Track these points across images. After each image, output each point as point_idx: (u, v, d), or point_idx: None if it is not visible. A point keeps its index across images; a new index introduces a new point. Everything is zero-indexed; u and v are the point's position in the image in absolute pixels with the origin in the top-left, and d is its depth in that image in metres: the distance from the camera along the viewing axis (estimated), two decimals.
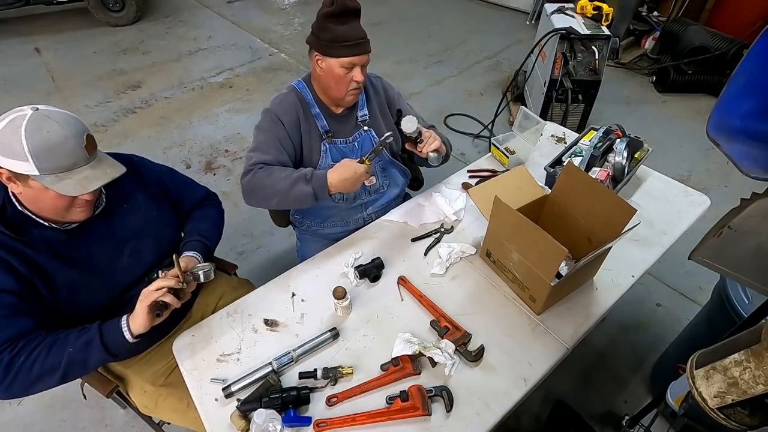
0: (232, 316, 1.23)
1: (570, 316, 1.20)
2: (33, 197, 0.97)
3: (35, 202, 0.99)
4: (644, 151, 1.59)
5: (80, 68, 4.14)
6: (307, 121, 1.43)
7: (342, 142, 1.46)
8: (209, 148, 3.18)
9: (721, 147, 0.77)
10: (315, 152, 1.44)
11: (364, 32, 1.30)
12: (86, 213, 1.06)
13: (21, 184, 0.95)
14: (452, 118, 3.43)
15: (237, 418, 0.98)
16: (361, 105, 1.48)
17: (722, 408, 0.71)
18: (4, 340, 0.96)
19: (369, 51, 1.32)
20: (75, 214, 1.03)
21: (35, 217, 1.02)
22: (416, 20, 5.02)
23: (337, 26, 1.26)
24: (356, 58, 1.30)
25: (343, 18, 1.26)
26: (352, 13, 1.27)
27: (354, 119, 1.48)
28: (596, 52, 2.75)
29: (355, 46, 1.28)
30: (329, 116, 1.45)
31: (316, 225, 1.61)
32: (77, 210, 1.03)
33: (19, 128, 0.89)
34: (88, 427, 1.75)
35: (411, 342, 1.10)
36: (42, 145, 0.90)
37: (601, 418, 1.73)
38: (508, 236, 1.18)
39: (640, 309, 2.10)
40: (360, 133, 1.48)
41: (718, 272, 0.88)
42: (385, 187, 1.59)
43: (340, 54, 1.29)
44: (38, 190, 0.95)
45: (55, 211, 1.00)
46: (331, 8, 1.24)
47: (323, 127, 1.44)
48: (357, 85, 1.35)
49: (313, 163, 1.45)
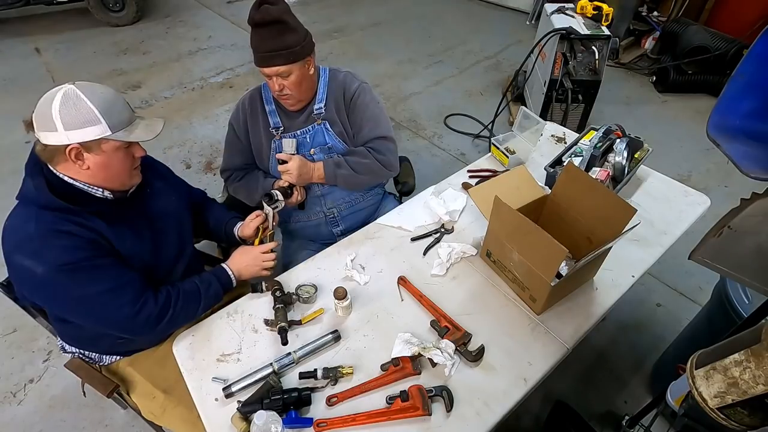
0: (232, 316, 1.23)
1: (570, 316, 1.20)
2: (104, 164, 1.01)
3: (106, 169, 1.02)
4: (644, 151, 1.59)
5: (80, 68, 4.13)
6: (254, 118, 1.49)
7: (292, 135, 1.48)
8: (209, 148, 3.18)
9: (721, 147, 0.77)
10: (265, 148, 1.50)
11: (279, 44, 1.29)
12: (139, 176, 1.14)
13: (92, 154, 0.99)
14: (452, 118, 3.43)
15: (238, 420, 0.98)
16: (319, 98, 1.48)
17: (722, 408, 0.71)
18: (142, 286, 1.08)
19: (280, 64, 1.31)
20: (134, 176, 1.11)
21: (88, 188, 1.04)
22: (416, 20, 5.02)
23: (253, 35, 1.30)
24: (266, 69, 1.32)
25: (258, 28, 1.29)
26: (266, 23, 1.27)
27: (309, 113, 1.48)
28: (596, 52, 2.75)
29: (262, 58, 1.31)
30: (283, 112, 1.49)
31: None
32: (135, 173, 1.11)
33: (79, 98, 0.94)
34: (88, 427, 1.75)
35: (411, 342, 1.10)
36: (105, 104, 0.96)
37: (601, 418, 1.73)
38: (509, 236, 1.18)
39: (640, 309, 2.10)
40: (312, 126, 1.48)
41: (718, 272, 0.88)
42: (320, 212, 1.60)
43: (256, 62, 1.34)
44: (109, 154, 1.00)
45: (124, 172, 1.06)
46: (251, 15, 1.28)
47: (275, 123, 1.48)
48: (279, 93, 1.38)
49: (263, 159, 1.52)
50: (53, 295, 1.02)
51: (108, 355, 1.27)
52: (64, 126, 0.94)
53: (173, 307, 1.12)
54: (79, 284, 1.00)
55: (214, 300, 1.23)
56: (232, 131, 1.56)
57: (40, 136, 0.97)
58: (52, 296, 1.02)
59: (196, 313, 1.19)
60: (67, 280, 0.99)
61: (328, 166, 1.46)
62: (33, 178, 1.01)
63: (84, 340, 1.24)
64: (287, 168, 1.40)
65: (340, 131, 1.50)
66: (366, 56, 4.33)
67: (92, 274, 1.01)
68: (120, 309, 1.04)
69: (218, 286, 1.23)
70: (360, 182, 1.51)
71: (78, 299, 1.02)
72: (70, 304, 1.03)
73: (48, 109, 0.94)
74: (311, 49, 1.39)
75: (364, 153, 1.48)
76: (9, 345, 2.03)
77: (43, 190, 0.98)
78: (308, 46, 1.37)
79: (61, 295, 1.01)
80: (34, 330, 2.04)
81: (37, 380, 1.90)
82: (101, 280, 1.02)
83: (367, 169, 1.48)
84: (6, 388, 1.87)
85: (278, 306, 1.19)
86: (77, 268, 0.98)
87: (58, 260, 0.97)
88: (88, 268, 1.00)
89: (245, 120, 1.51)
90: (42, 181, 1.00)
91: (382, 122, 1.51)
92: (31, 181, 1.00)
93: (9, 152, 3.09)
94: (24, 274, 0.98)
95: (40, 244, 0.97)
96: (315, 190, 1.55)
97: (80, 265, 0.99)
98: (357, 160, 1.47)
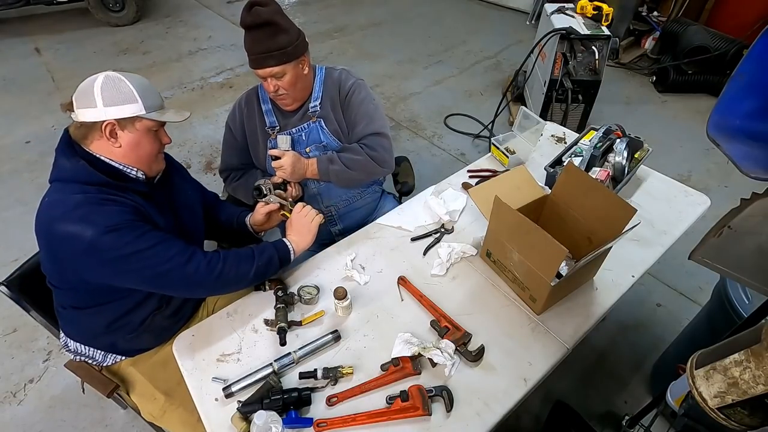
0: (232, 316, 1.23)
1: (570, 316, 1.20)
2: (135, 142, 1.08)
3: (136, 147, 1.09)
4: (644, 151, 1.59)
5: (80, 68, 4.13)
6: (251, 118, 1.50)
7: (287, 133, 1.48)
8: (209, 148, 3.18)
9: (721, 147, 0.77)
10: (261, 148, 1.51)
11: (272, 45, 1.29)
12: (163, 163, 1.21)
13: (126, 132, 1.06)
14: (452, 118, 3.43)
15: (238, 420, 0.98)
16: (315, 96, 1.48)
17: (722, 408, 0.71)
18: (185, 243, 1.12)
19: (273, 65, 1.31)
20: (159, 161, 1.18)
21: (124, 168, 1.10)
22: (416, 20, 5.02)
23: (246, 37, 1.31)
24: (260, 71, 1.33)
25: (250, 30, 1.30)
26: (258, 25, 1.28)
27: (304, 111, 1.49)
28: (596, 52, 2.75)
29: (255, 60, 1.32)
30: (279, 111, 1.49)
31: None
32: (160, 158, 1.18)
33: (119, 78, 1.04)
34: (88, 427, 1.75)
35: (410, 343, 1.10)
36: (142, 86, 1.07)
37: (601, 418, 1.73)
38: (509, 236, 1.18)
39: (640, 309, 2.10)
40: (308, 124, 1.49)
41: (718, 272, 0.88)
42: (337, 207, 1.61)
43: (250, 64, 1.35)
44: (142, 134, 1.09)
45: (152, 154, 1.13)
46: (242, 18, 1.28)
47: (271, 122, 1.49)
48: (275, 94, 1.39)
49: (260, 158, 1.53)
50: (103, 256, 1.02)
51: (112, 354, 1.26)
52: (104, 102, 1.02)
53: (223, 262, 1.14)
54: (127, 242, 1.02)
55: (268, 266, 1.22)
56: (229, 131, 1.57)
57: (78, 113, 1.04)
58: (102, 257, 1.03)
59: (248, 275, 1.18)
60: (116, 239, 1.01)
61: (321, 161, 1.46)
62: (69, 159, 1.06)
63: (93, 332, 1.22)
64: (281, 164, 1.40)
65: (334, 129, 1.50)
66: (366, 56, 4.33)
67: (138, 233, 1.04)
68: (170, 260, 1.07)
69: (273, 251, 1.24)
70: (353, 178, 1.49)
71: (128, 255, 1.03)
72: (119, 262, 1.04)
73: (90, 87, 1.03)
74: (305, 49, 1.39)
75: (357, 149, 1.48)
76: (9, 345, 2.03)
77: (85, 167, 1.04)
78: (301, 46, 1.37)
79: (111, 255, 1.02)
80: (34, 330, 2.04)
81: (37, 380, 1.90)
82: (148, 237, 1.05)
83: (359, 165, 1.47)
84: (6, 388, 1.87)
85: (279, 306, 1.19)
86: (125, 227, 1.02)
87: (107, 222, 1.00)
88: (135, 227, 1.04)
89: (242, 120, 1.52)
90: (80, 160, 1.05)
91: (376, 119, 1.50)
92: (68, 161, 1.05)
93: (9, 152, 3.08)
94: (72, 239, 0.99)
95: (88, 210, 1.00)
96: (311, 187, 1.55)
97: (127, 225, 1.03)
98: (349, 156, 1.47)
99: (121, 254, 1.02)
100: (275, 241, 1.28)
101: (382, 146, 1.49)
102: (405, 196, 1.76)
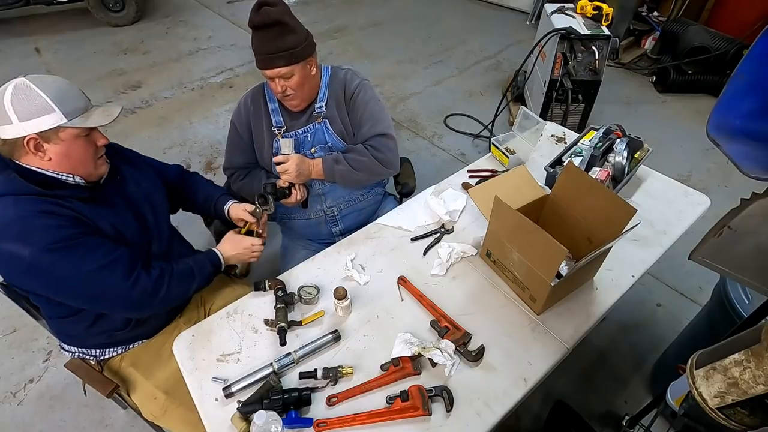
0: (232, 316, 1.23)
1: (570, 316, 1.20)
2: (65, 152, 1.01)
3: (67, 157, 1.02)
4: (644, 151, 1.59)
5: (80, 68, 4.13)
6: (257, 116, 1.49)
7: (292, 135, 1.48)
8: (209, 148, 3.18)
9: (721, 147, 0.77)
10: (267, 147, 1.50)
11: (280, 45, 1.29)
12: (106, 165, 1.13)
13: (51, 144, 0.99)
14: (452, 118, 3.43)
15: (238, 420, 0.98)
16: (321, 97, 1.48)
17: (722, 408, 0.71)
18: (132, 261, 1.08)
19: (282, 66, 1.31)
20: (100, 165, 1.11)
21: (58, 175, 1.04)
22: (416, 20, 5.01)
23: (254, 37, 1.31)
24: (267, 71, 1.33)
25: (258, 30, 1.29)
26: (266, 25, 1.27)
27: (311, 112, 1.48)
28: (596, 52, 2.75)
29: (264, 60, 1.32)
30: (286, 111, 1.49)
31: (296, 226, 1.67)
32: (100, 162, 1.10)
33: (29, 88, 0.95)
34: (88, 427, 1.75)
35: (410, 343, 1.10)
36: (58, 92, 0.97)
37: (601, 418, 1.73)
38: (509, 236, 1.18)
39: (640, 309, 2.10)
40: (313, 125, 1.48)
41: (718, 272, 0.88)
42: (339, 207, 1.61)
43: (258, 64, 1.34)
44: (69, 142, 1.01)
45: (88, 160, 1.06)
46: (251, 18, 1.28)
47: (277, 122, 1.48)
48: (282, 95, 1.39)
49: (264, 157, 1.52)
50: (44, 277, 1.00)
51: (109, 348, 1.26)
52: (19, 117, 0.94)
53: (167, 284, 1.14)
54: (69, 262, 0.99)
55: (206, 281, 1.26)
56: (234, 129, 1.55)
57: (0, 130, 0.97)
58: (43, 278, 1.00)
59: (188, 293, 1.23)
60: (56, 259, 0.97)
61: (326, 162, 1.46)
62: (1, 173, 1.00)
63: (80, 335, 1.22)
64: (285, 168, 1.40)
65: (339, 130, 1.50)
66: (366, 56, 4.33)
67: (80, 251, 1.00)
68: (113, 284, 1.04)
69: (210, 268, 1.26)
70: (357, 179, 1.50)
71: (69, 278, 1.00)
72: (62, 284, 1.01)
73: (1, 102, 0.94)
74: (312, 50, 1.39)
75: (362, 150, 1.48)
76: (9, 345, 2.03)
77: (16, 179, 0.98)
78: (309, 46, 1.37)
79: (52, 275, 0.99)
80: (34, 330, 2.04)
81: (37, 380, 1.90)
82: (90, 256, 1.01)
83: (364, 166, 1.47)
84: (6, 388, 1.87)
85: (279, 306, 1.19)
86: (64, 246, 0.98)
87: (44, 240, 0.96)
88: (75, 245, 0.99)
89: (248, 118, 1.51)
90: (12, 172, 1.00)
91: (382, 120, 1.50)
92: (0, 175, 1.00)
93: None
94: (11, 259, 0.96)
95: (23, 226, 0.95)
96: (316, 188, 1.55)
97: (67, 243, 0.98)
98: (354, 157, 1.47)
99: (62, 275, 0.99)
100: (209, 254, 1.29)
101: (387, 147, 1.49)
102: (405, 198, 1.76)
